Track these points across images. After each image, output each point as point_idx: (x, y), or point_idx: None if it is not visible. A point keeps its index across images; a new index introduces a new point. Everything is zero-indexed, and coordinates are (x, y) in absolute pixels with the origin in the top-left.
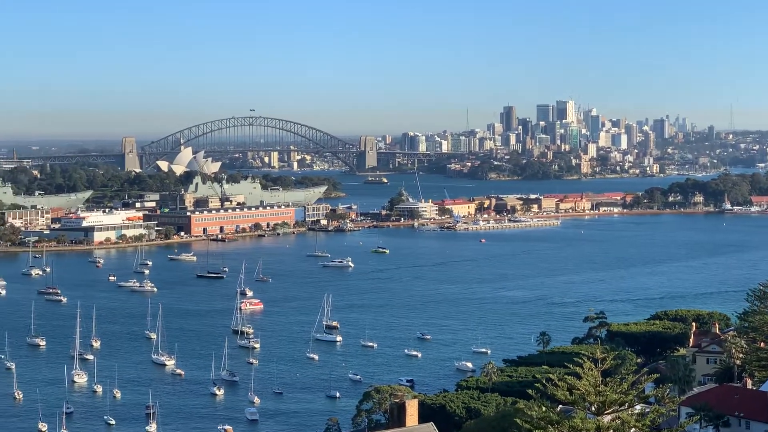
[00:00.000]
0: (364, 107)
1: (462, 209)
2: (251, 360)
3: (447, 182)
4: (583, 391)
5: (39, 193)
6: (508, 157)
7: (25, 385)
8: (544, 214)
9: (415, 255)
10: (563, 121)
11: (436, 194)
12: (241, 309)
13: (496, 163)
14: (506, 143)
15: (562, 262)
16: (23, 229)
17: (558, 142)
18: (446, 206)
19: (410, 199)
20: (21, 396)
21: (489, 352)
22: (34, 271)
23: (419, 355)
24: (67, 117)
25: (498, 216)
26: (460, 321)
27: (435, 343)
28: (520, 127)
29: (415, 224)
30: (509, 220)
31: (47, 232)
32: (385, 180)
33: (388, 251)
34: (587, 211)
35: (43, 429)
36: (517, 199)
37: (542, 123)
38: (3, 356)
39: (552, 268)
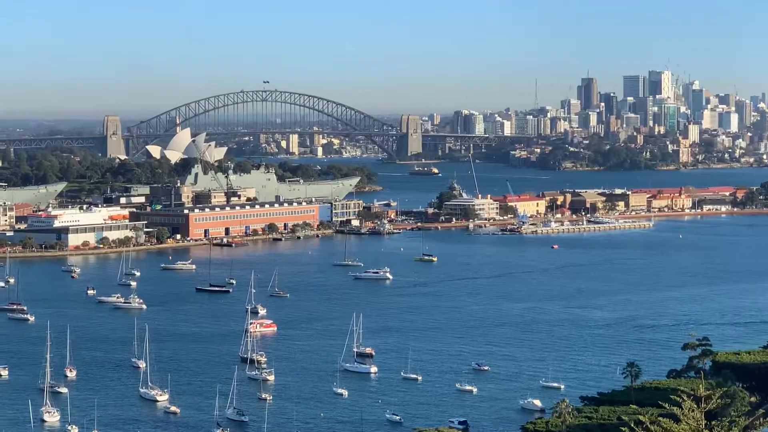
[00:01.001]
0: (407, 80)
1: (529, 207)
2: (264, 396)
3: (510, 173)
4: None
5: (0, 186)
6: (587, 141)
7: None
8: (633, 213)
9: (469, 264)
10: (657, 96)
11: (497, 188)
12: (249, 332)
13: (571, 149)
14: (585, 124)
15: (655, 274)
16: None
17: (650, 123)
18: (509, 203)
19: (464, 194)
20: None
21: (562, 387)
22: None
23: (474, 390)
24: (35, 89)
25: (574, 216)
26: (526, 348)
27: (494, 376)
28: (603, 104)
29: (470, 226)
30: (588, 221)
31: (11, 233)
32: (435, 170)
33: (435, 259)
34: (687, 211)
35: None
36: (599, 194)
37: (630, 99)
38: None
39: (642, 282)
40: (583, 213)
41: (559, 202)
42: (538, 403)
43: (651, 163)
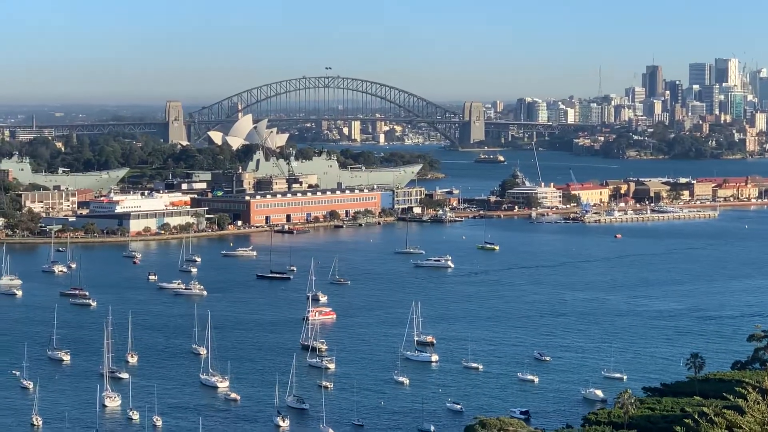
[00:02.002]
0: (470, 67)
1: (592, 196)
2: (324, 383)
3: (573, 161)
4: (747, 430)
5: (63, 171)
6: (652, 130)
7: (46, 409)
8: (698, 203)
9: (532, 253)
10: (723, 84)
11: (560, 176)
12: (308, 319)
13: (636, 137)
14: (649, 113)
15: (720, 264)
16: (44, 215)
17: (716, 111)
18: (572, 192)
19: (527, 183)
20: (40, 422)
21: (625, 377)
22: (57, 268)
23: (536, 380)
24: (98, 76)
25: (638, 205)
26: (589, 338)
27: (556, 366)
28: (668, 92)
29: (533, 214)
30: (652, 211)
31: (73, 219)
32: (501, 158)
33: (497, 248)
34: (753, 200)
35: None
36: (663, 183)
37: (696, 87)
38: (19, 373)
39: (707, 273)
40: (647, 202)
41: (622, 191)
42: (600, 393)
43: (717, 152)
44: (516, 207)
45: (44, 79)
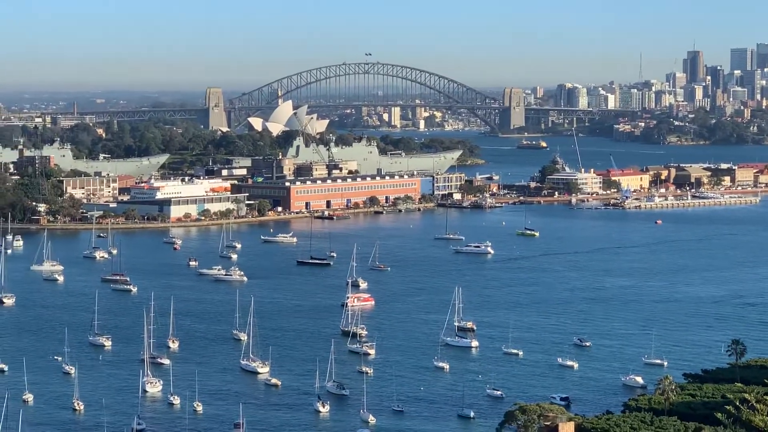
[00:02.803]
0: (510, 52)
1: (633, 182)
2: (364, 369)
3: (614, 147)
4: None
5: (104, 157)
6: (693, 115)
7: (87, 394)
8: (739, 188)
9: (571, 239)
10: (765, 69)
11: (600, 162)
12: (347, 305)
13: (676, 123)
14: (690, 98)
15: (761, 250)
16: (85, 201)
17: (758, 96)
18: (612, 178)
19: (567, 168)
20: (82, 407)
21: (665, 364)
22: (98, 254)
23: (576, 366)
24: (138, 62)
25: (679, 191)
26: (629, 324)
27: (596, 352)
28: (709, 77)
29: (573, 200)
30: (693, 196)
31: (114, 205)
32: (543, 144)
33: (537, 234)
34: None
35: None
36: (704, 169)
37: (738, 72)
38: (60, 358)
39: (748, 259)
40: (688, 188)
41: (663, 177)
42: (640, 379)
43: (758, 137)
44: (556, 193)
45: (86, 67)
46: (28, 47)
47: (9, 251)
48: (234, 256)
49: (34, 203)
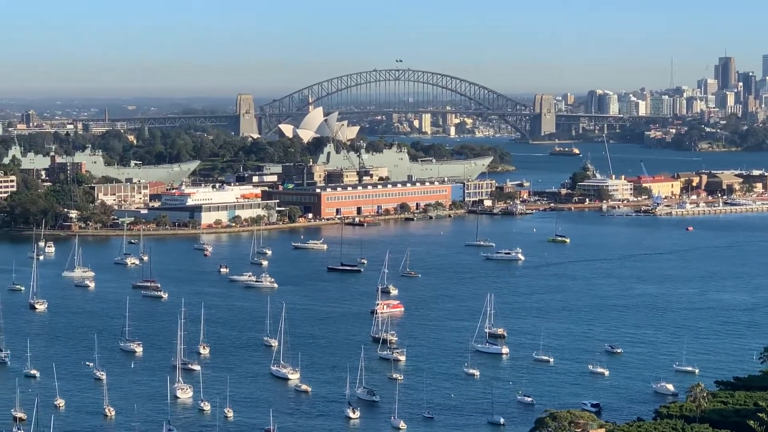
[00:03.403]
0: (540, 59)
1: (664, 188)
2: (395, 375)
3: (645, 153)
4: None
5: (135, 164)
6: (725, 122)
7: (118, 399)
8: None
9: (602, 246)
10: None
11: (631, 169)
12: (376, 312)
13: (708, 129)
14: (722, 104)
15: None
16: (116, 207)
17: None
18: (643, 184)
19: (597, 175)
20: (113, 413)
21: (697, 371)
22: (129, 260)
23: (606, 373)
24: (169, 70)
25: (710, 197)
26: (660, 331)
27: (627, 359)
28: (741, 83)
29: (604, 206)
30: (725, 203)
31: (145, 211)
32: (576, 150)
33: (568, 240)
34: None
35: None
36: (736, 176)
37: None
38: (91, 364)
39: None
40: (720, 194)
41: (694, 184)
42: (671, 387)
43: None
44: (587, 199)
45: (117, 74)
46: (59, 55)
47: (41, 257)
48: (264, 263)
49: (65, 210)
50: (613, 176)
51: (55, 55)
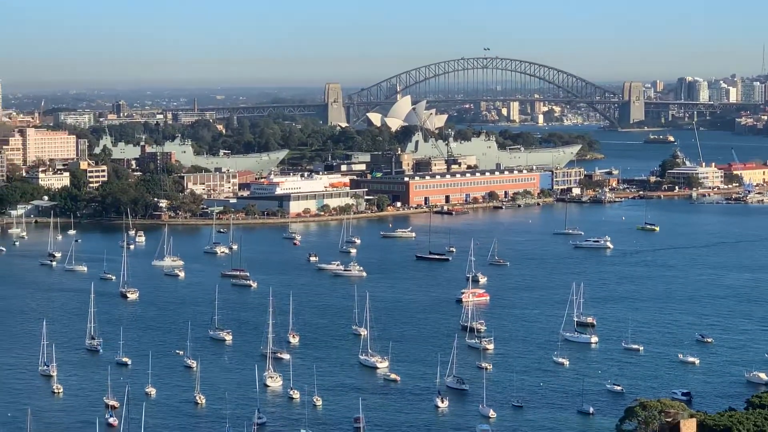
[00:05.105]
0: (629, 46)
1: (755, 176)
2: (484, 364)
3: (735, 141)
4: None
5: (224, 153)
6: None
7: (209, 388)
8: None
9: (692, 234)
10: None
11: (721, 156)
12: (462, 301)
13: None
14: None
15: None
16: (205, 197)
17: None
18: (734, 172)
19: (687, 163)
20: (204, 401)
21: None
22: (219, 249)
23: (697, 362)
24: (258, 60)
25: None
26: (753, 320)
27: (718, 348)
28: None
29: (694, 194)
30: None
31: (234, 200)
32: (671, 138)
33: (657, 228)
34: None
35: None
36: None
37: None
38: (182, 352)
39: None
40: None
41: None
42: (764, 376)
43: None
44: (676, 187)
45: (206, 64)
46: (149, 45)
47: (131, 247)
48: (353, 251)
49: (155, 199)
50: (703, 164)
51: (145, 46)
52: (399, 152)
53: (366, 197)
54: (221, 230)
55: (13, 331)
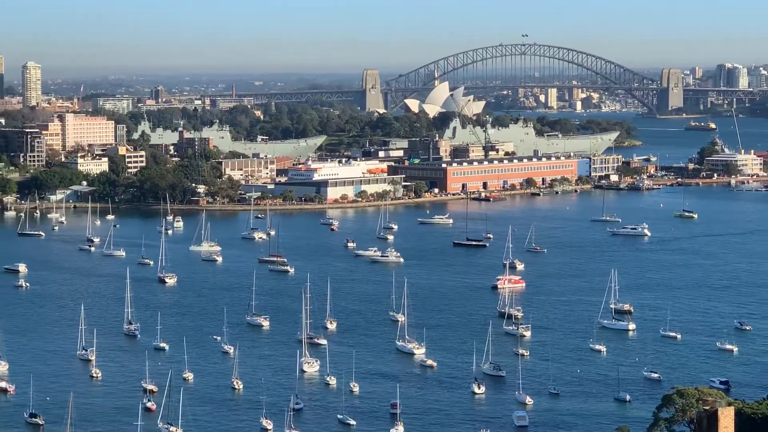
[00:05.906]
0: (667, 32)
1: None
2: (520, 351)
3: None
4: None
5: (262, 139)
6: None
7: (246, 373)
8: None
9: (731, 221)
10: None
11: (761, 143)
12: (497, 288)
13: None
14: None
15: None
16: (243, 182)
17: None
18: None
19: (726, 150)
20: (241, 386)
21: None
22: (256, 235)
23: (735, 350)
24: (295, 45)
25: None
26: None
27: (757, 335)
28: None
29: (732, 182)
30: None
31: (272, 186)
32: (712, 125)
33: (695, 216)
34: None
35: (268, 427)
36: None
37: None
38: (219, 338)
39: None
40: None
41: None
42: None
43: None
44: (715, 174)
45: (244, 49)
46: (188, 31)
47: (170, 232)
48: (390, 238)
49: (193, 185)
50: (743, 151)
51: (183, 31)
52: (436, 138)
53: (403, 183)
54: (259, 216)
55: (52, 316)
